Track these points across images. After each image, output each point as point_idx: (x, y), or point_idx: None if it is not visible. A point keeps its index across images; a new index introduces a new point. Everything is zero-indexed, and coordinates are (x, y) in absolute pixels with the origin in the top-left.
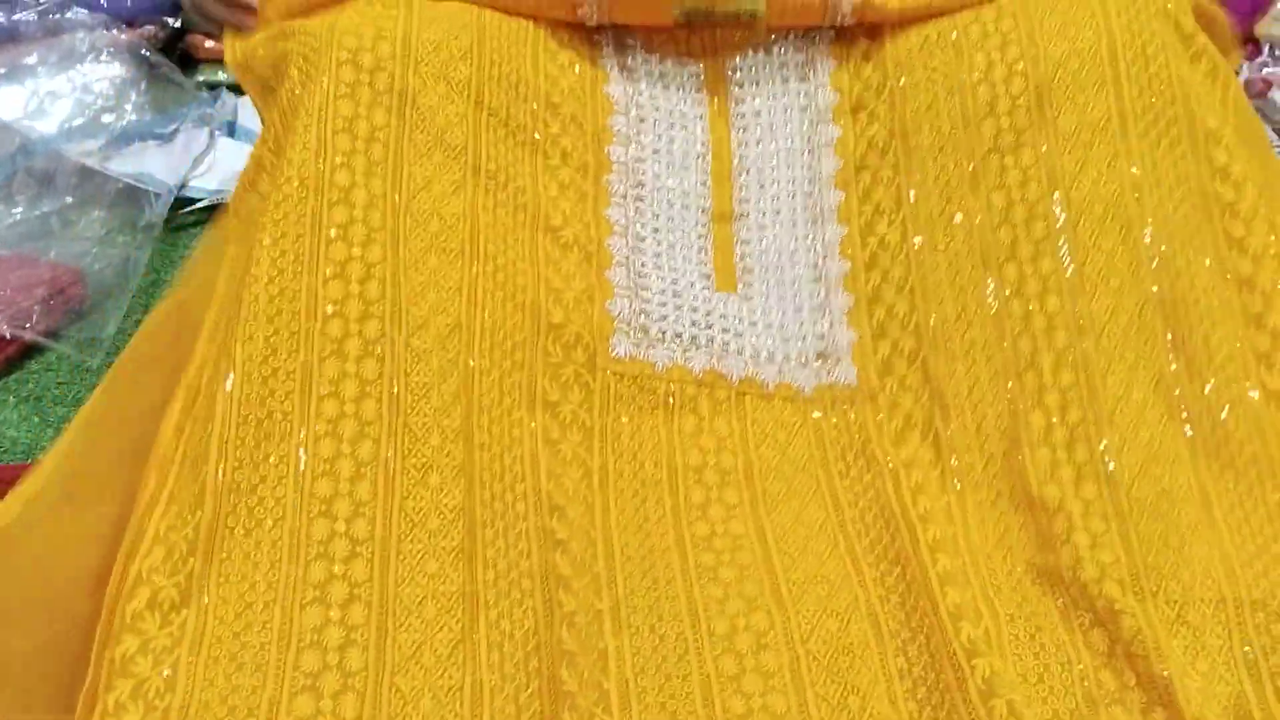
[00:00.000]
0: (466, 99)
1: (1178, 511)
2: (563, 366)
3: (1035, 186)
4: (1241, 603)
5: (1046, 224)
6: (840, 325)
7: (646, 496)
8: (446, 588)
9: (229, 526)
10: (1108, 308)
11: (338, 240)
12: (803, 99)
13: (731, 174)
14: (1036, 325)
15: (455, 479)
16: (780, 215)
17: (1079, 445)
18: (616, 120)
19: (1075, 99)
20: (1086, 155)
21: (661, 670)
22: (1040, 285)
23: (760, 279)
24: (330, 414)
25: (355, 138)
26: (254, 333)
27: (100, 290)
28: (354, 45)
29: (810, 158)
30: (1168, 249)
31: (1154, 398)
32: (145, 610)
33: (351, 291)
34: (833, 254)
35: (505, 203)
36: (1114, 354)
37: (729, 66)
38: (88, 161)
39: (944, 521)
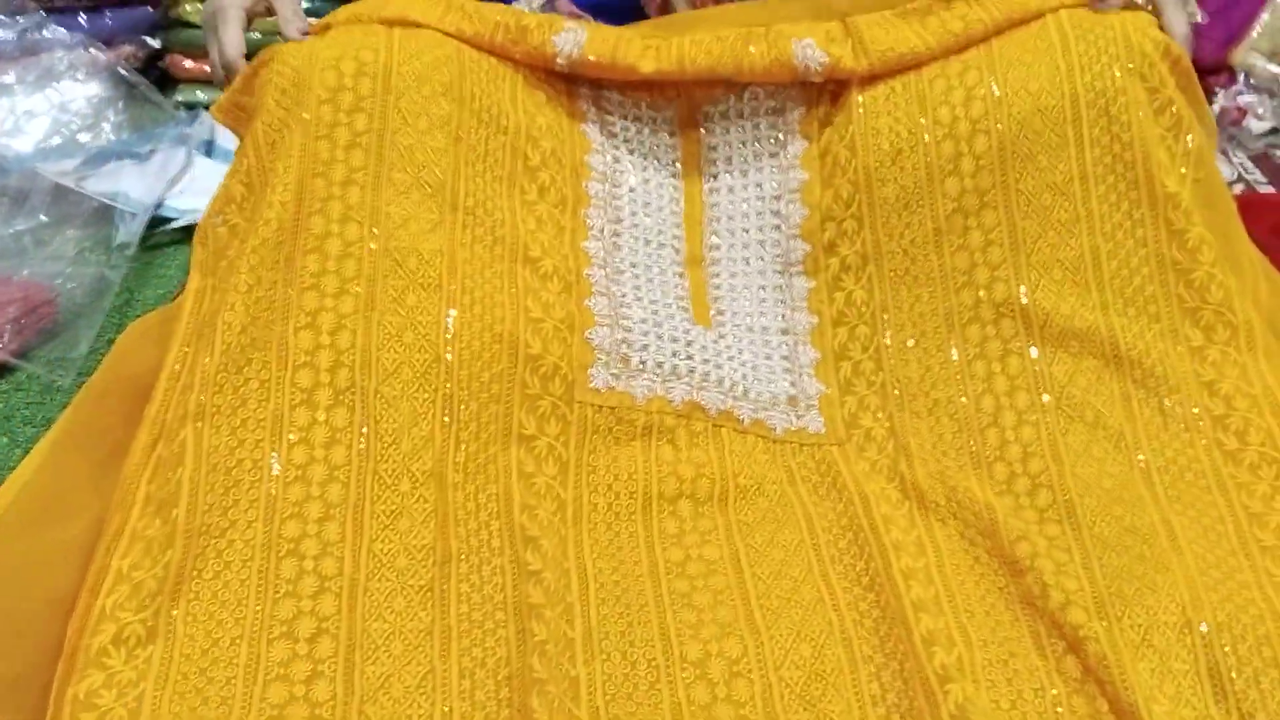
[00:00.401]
0: (447, 135)
1: (1142, 546)
2: (540, 399)
3: (997, 250)
4: (1208, 626)
5: (1008, 287)
6: (809, 377)
7: (620, 529)
8: (414, 624)
9: (197, 569)
10: (1067, 370)
11: (310, 290)
12: (773, 145)
13: (702, 220)
14: (999, 386)
15: (425, 521)
16: (749, 264)
17: (1041, 492)
18: (594, 158)
19: (1038, 160)
20: (1047, 218)
21: (633, 698)
22: (1002, 347)
23: (731, 323)
24: (300, 460)
25: (331, 182)
26: (224, 383)
27: (72, 310)
28: (334, 84)
29: (778, 204)
30: (1122, 317)
31: (1114, 454)
32: (110, 645)
33: (322, 342)
34: (800, 307)
35: (483, 237)
36: (1074, 414)
37: (701, 112)
38: (63, 180)
39: (915, 552)
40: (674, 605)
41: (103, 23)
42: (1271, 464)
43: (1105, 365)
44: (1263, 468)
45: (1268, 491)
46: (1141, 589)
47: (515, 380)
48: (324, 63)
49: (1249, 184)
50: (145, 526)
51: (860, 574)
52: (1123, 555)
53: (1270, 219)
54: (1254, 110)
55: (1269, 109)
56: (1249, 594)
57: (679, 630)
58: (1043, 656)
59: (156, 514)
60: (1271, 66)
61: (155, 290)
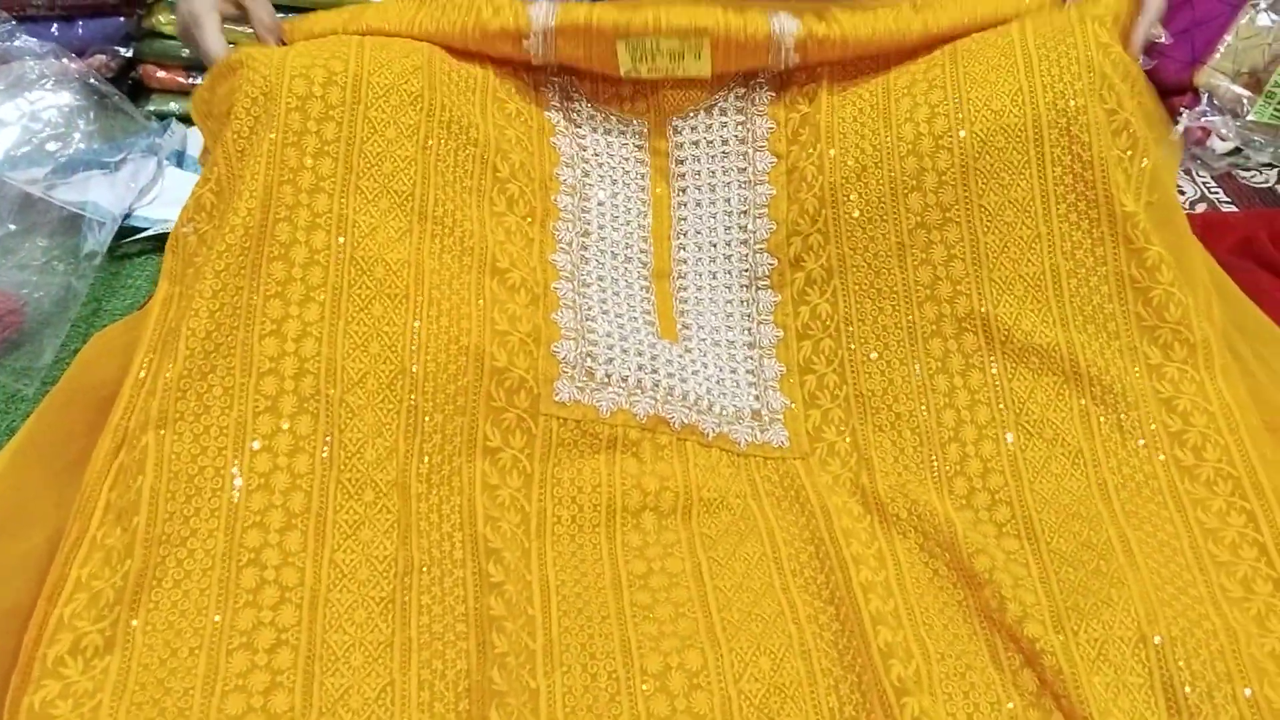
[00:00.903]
0: (415, 144)
1: (1099, 561)
2: (505, 411)
3: (959, 265)
4: (1162, 640)
5: (969, 302)
6: (773, 391)
7: (584, 541)
8: (375, 637)
9: (157, 578)
10: (1028, 387)
11: (274, 298)
12: (741, 160)
13: (670, 234)
14: (960, 400)
15: (388, 532)
16: (716, 279)
17: (1000, 507)
18: (563, 171)
19: (1000, 177)
20: (1009, 235)
21: (593, 710)
22: (964, 362)
23: (698, 336)
24: (263, 468)
25: (299, 189)
26: (187, 389)
27: (39, 319)
28: (303, 92)
29: (745, 219)
30: (1082, 334)
31: (1073, 469)
32: (67, 655)
33: (287, 350)
34: (766, 320)
35: (451, 247)
36: (1034, 430)
37: (671, 125)
38: (32, 189)
39: (876, 565)
40: (635, 618)
41: (74, 32)
42: (1226, 479)
43: (1065, 381)
44: (1218, 483)
45: (1222, 507)
46: (1098, 603)
47: (481, 392)
48: (293, 71)
49: (1212, 204)
50: (105, 535)
51: (821, 587)
52: (1079, 570)
53: (1232, 238)
54: (1217, 131)
55: (1232, 129)
56: (1203, 609)
57: (640, 642)
58: (999, 670)
59: (116, 522)
60: (1235, 87)
61: (123, 300)
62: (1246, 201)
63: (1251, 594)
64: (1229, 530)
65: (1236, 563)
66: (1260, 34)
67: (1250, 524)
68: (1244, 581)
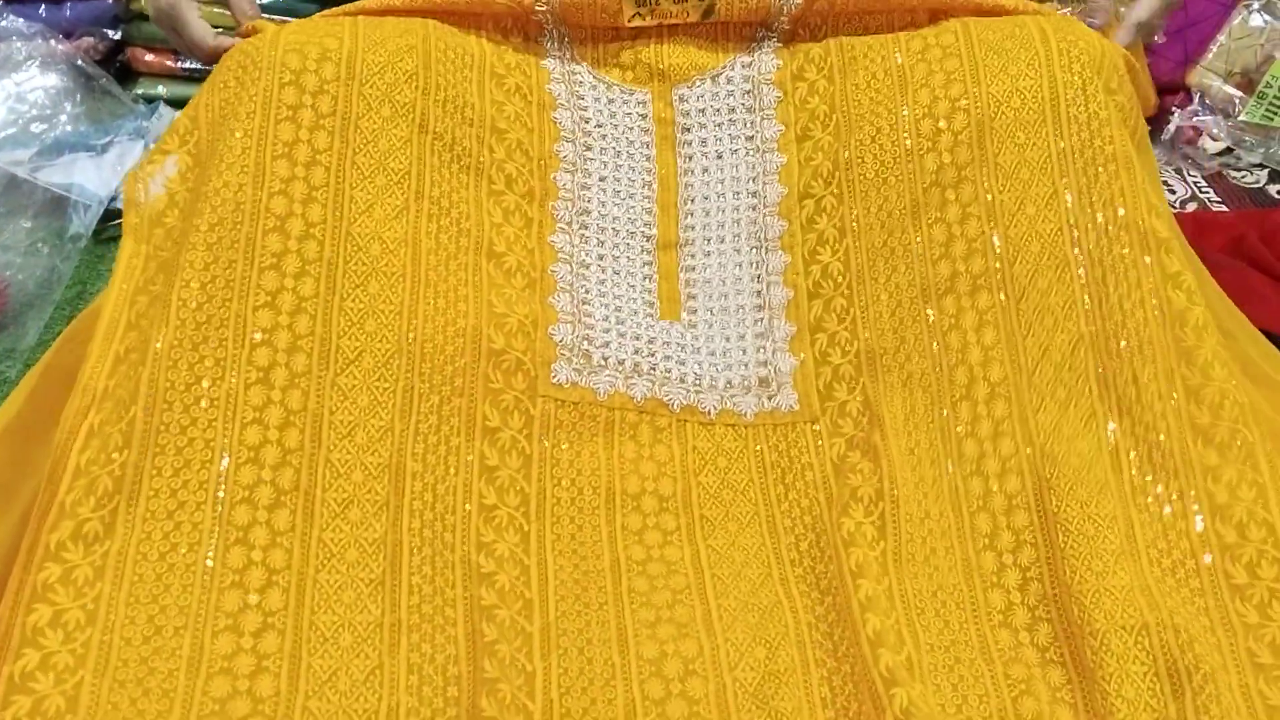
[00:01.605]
0: (411, 123)
1: (1103, 537)
2: (503, 393)
3: (975, 223)
4: (1164, 628)
5: (985, 260)
6: (782, 352)
7: (583, 523)
8: (364, 618)
9: (142, 552)
10: (1041, 344)
11: (270, 270)
12: (749, 129)
13: (677, 202)
14: (973, 358)
15: (378, 513)
16: (725, 243)
17: (1010, 476)
18: (563, 147)
19: (1016, 137)
20: (1025, 193)
21: (587, 693)
22: (977, 319)
23: (704, 306)
24: (253, 440)
25: (295, 163)
26: (178, 359)
27: (22, 300)
28: (297, 66)
29: (755, 185)
30: (1100, 289)
31: (1083, 431)
32: (46, 627)
33: (281, 323)
34: (776, 282)
35: (448, 228)
36: (1046, 390)
37: (676, 94)
38: (17, 171)
39: (866, 545)
40: (633, 604)
41: (62, 14)
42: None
43: (1080, 339)
44: (1231, 448)
45: (1233, 478)
46: (1099, 589)
47: (478, 374)
48: (287, 45)
49: (1203, 203)
50: (76, 503)
51: (820, 576)
52: (1084, 543)
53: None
54: (1209, 130)
55: (1223, 129)
56: (1203, 600)
57: (636, 629)
58: (989, 661)
59: (89, 491)
60: (1227, 87)
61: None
62: (1237, 202)
63: (1256, 579)
64: (1239, 505)
65: (1243, 544)
66: (1253, 34)
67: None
68: (1249, 566)
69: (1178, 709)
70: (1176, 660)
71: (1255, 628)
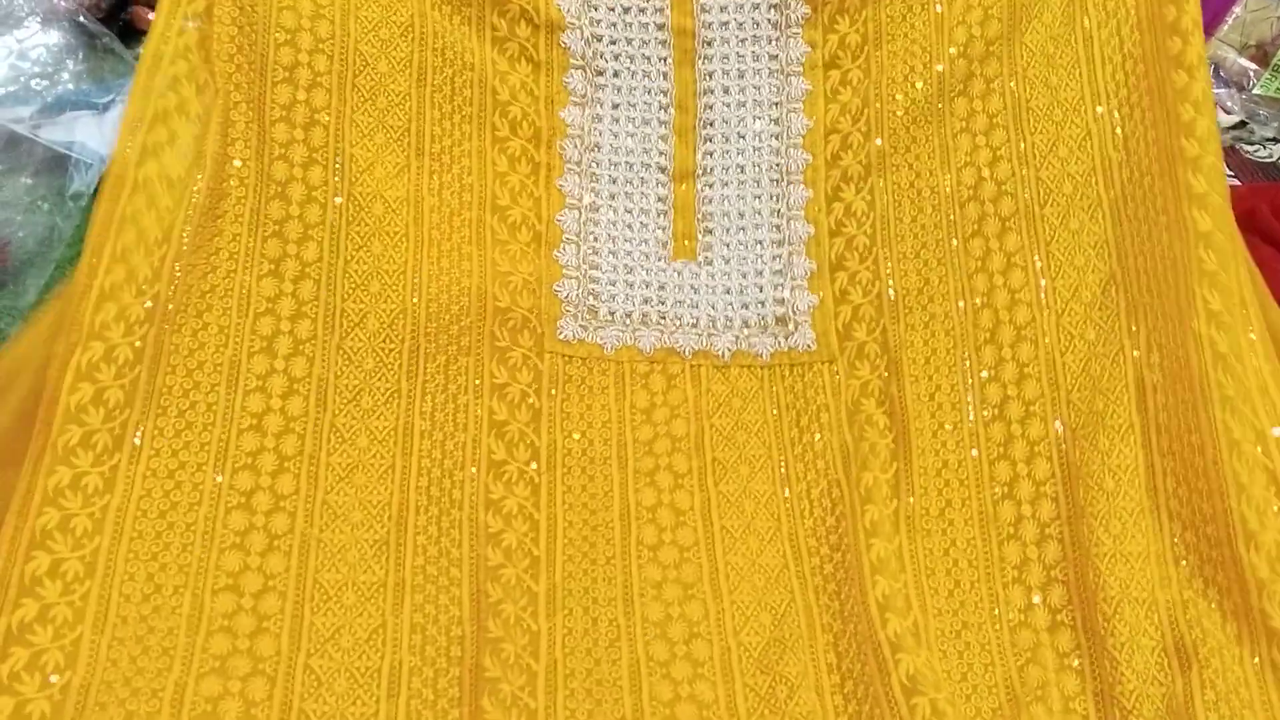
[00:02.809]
0: (408, 77)
1: (1123, 493)
2: (510, 350)
3: (1005, 166)
4: (1174, 604)
5: (1014, 200)
6: (801, 290)
7: (595, 474)
8: (368, 577)
9: (143, 509)
10: (1071, 285)
11: (272, 237)
12: (773, 47)
13: (695, 126)
14: (999, 300)
15: (383, 477)
16: (744, 173)
17: (1033, 422)
18: (572, 77)
19: (1049, 79)
20: (1058, 134)
21: (592, 654)
22: (1005, 261)
23: (720, 241)
24: (255, 409)
25: (294, 125)
26: (182, 325)
27: (22, 258)
28: (291, 25)
29: (778, 112)
30: (1131, 225)
31: (1111, 369)
32: (45, 576)
33: (284, 290)
34: (797, 217)
35: (450, 184)
36: (1075, 331)
37: (697, 4)
38: (17, 128)
39: (881, 501)
40: (640, 560)
41: None
42: None
43: (1110, 280)
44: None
45: None
46: (1115, 556)
47: (484, 333)
48: (282, 3)
49: None
50: (71, 451)
51: (830, 530)
52: (1101, 500)
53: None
54: (1223, 104)
55: (1237, 103)
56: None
57: (642, 589)
58: (996, 628)
59: (87, 444)
60: (1242, 60)
61: None
62: (1250, 175)
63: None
64: None
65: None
66: (1269, 6)
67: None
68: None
69: (1184, 684)
70: (1184, 636)
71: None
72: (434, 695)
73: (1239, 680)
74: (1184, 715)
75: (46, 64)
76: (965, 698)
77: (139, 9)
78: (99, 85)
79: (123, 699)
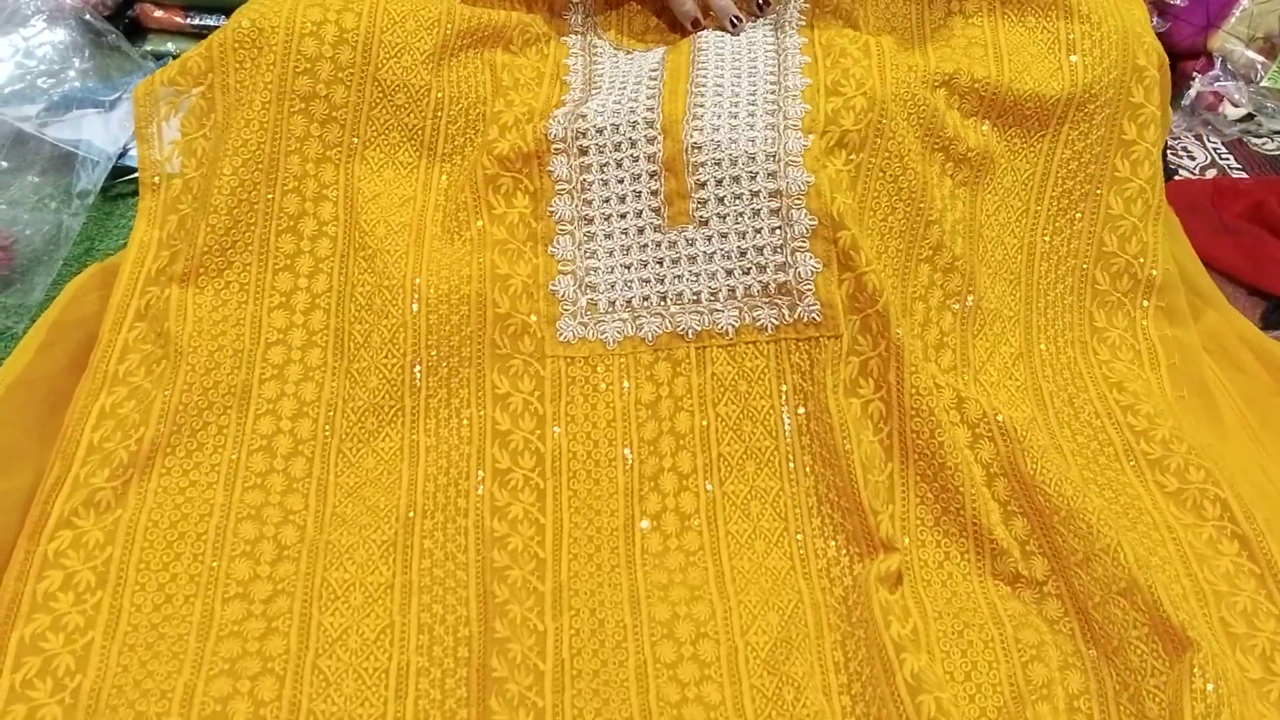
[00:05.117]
0: (423, 110)
1: (1081, 501)
2: (511, 359)
3: (973, 99)
4: (1153, 585)
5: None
6: (803, 252)
7: (600, 477)
8: (375, 578)
9: (154, 520)
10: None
11: (284, 271)
12: (769, 38)
13: (688, 90)
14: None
15: (390, 489)
16: (737, 119)
17: (969, 405)
18: (572, 62)
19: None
20: (1028, 69)
21: (599, 655)
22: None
23: (714, 194)
24: (266, 430)
25: (305, 159)
26: (199, 345)
27: (30, 256)
28: (313, 53)
29: (776, 60)
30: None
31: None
32: (59, 591)
33: (295, 321)
34: (796, 164)
35: (457, 180)
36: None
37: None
38: (24, 126)
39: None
40: (645, 566)
41: None
42: (1180, 441)
43: (1083, 277)
44: (1172, 443)
45: (1180, 465)
46: (1088, 554)
47: (485, 342)
48: (304, 28)
49: (1222, 169)
50: (89, 474)
51: (838, 529)
52: (1071, 517)
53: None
54: (1230, 96)
55: (1245, 95)
56: (1174, 568)
57: (649, 590)
58: (999, 624)
59: (104, 464)
60: (1249, 53)
61: (115, 240)
62: (1257, 168)
63: (1219, 554)
64: (1189, 489)
65: (1201, 524)
66: None
67: (1209, 482)
68: (1210, 542)
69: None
70: (1169, 618)
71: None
72: (441, 695)
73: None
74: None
75: (53, 62)
76: (969, 697)
77: (145, 6)
78: (105, 83)
79: (132, 700)
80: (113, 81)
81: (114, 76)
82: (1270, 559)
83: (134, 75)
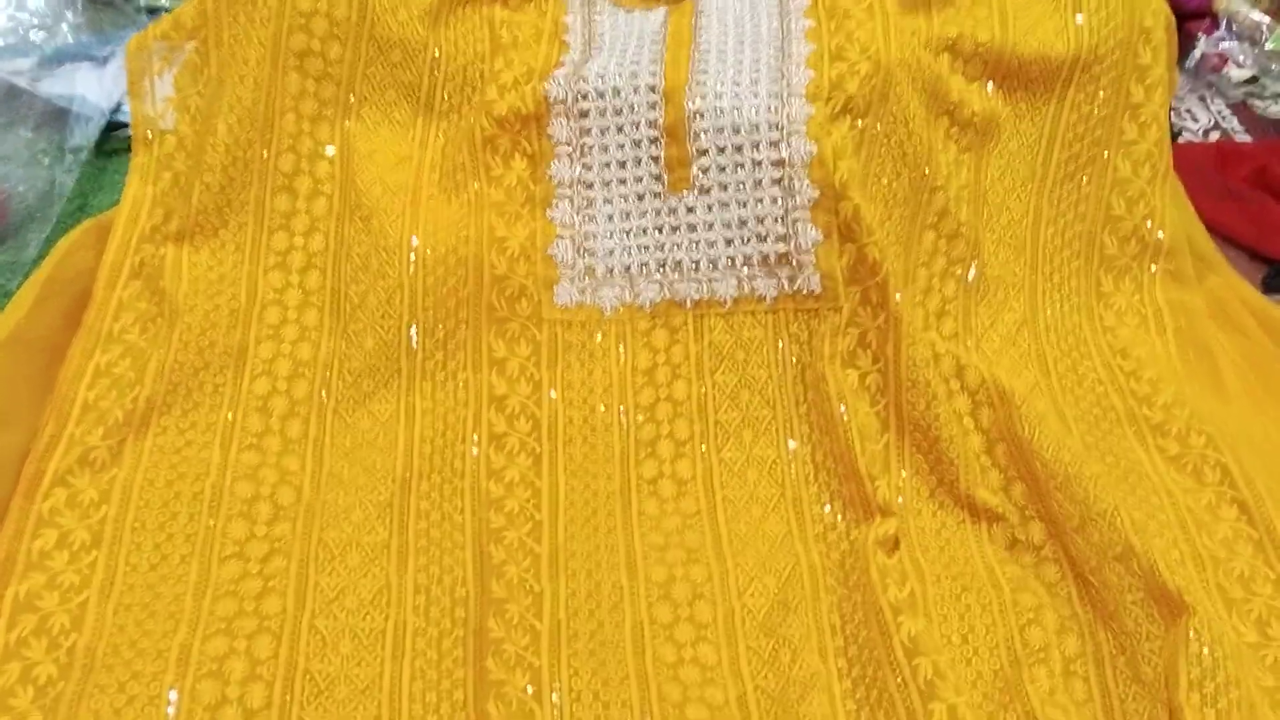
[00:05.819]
0: (419, 66)
1: (1079, 466)
2: (508, 321)
3: (977, 64)
4: (1148, 550)
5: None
6: (805, 223)
7: (596, 442)
8: (371, 539)
9: (149, 478)
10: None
11: (279, 230)
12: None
13: (690, 56)
14: (950, 190)
15: (386, 451)
16: (740, 86)
17: (969, 372)
18: (571, 17)
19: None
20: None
21: (595, 615)
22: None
23: (715, 162)
24: (262, 391)
25: (301, 117)
26: (195, 305)
27: (23, 212)
28: (308, 8)
29: (780, 21)
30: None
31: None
32: (54, 550)
33: (291, 281)
34: (799, 133)
35: (454, 139)
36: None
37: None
38: (16, 81)
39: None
40: (642, 528)
41: None
42: (1183, 406)
43: (1091, 241)
44: (1174, 409)
45: (1181, 429)
46: (1084, 519)
47: (482, 303)
48: None
49: (1225, 132)
50: (84, 433)
51: (834, 494)
52: (1066, 483)
53: (1247, 168)
54: (1234, 58)
55: (1250, 57)
56: (1173, 533)
57: (645, 552)
58: (996, 587)
59: (99, 423)
60: (1255, 14)
61: (109, 196)
62: (1261, 131)
63: (1218, 519)
64: (1190, 454)
65: (1201, 489)
66: None
67: (1210, 447)
68: (1209, 508)
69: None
70: (1166, 583)
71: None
72: (438, 656)
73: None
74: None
75: (45, 16)
76: (966, 660)
77: None
78: (99, 37)
79: (128, 659)
80: (106, 35)
81: (108, 30)
82: (1269, 524)
83: (128, 29)
